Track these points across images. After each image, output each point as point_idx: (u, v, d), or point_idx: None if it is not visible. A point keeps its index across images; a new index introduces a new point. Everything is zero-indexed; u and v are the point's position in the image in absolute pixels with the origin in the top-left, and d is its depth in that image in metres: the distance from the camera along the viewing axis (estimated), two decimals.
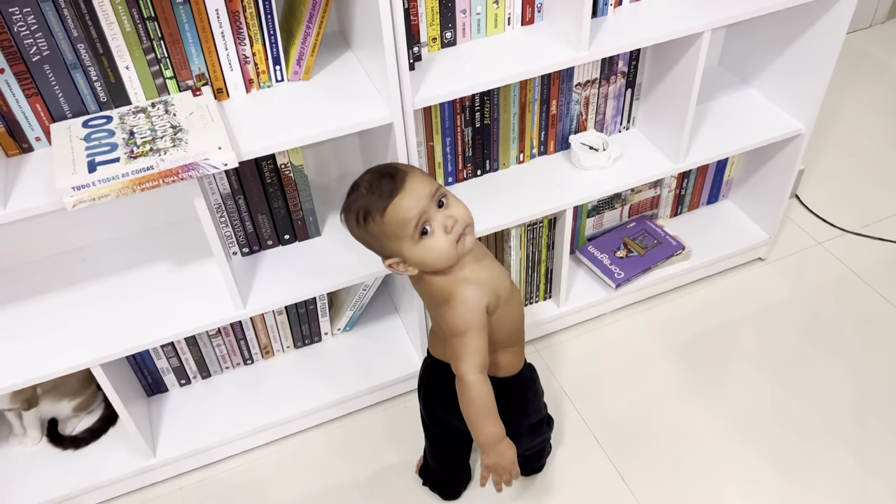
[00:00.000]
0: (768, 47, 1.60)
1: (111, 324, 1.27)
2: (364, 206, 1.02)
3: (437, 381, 1.23)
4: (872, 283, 1.79)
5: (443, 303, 1.07)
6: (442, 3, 1.24)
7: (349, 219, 1.06)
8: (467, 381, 1.05)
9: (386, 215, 1.01)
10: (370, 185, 1.02)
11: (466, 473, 1.42)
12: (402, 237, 1.02)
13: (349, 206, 1.05)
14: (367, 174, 1.05)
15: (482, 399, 1.06)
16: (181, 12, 1.08)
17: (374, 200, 1.01)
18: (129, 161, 1.03)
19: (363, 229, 1.04)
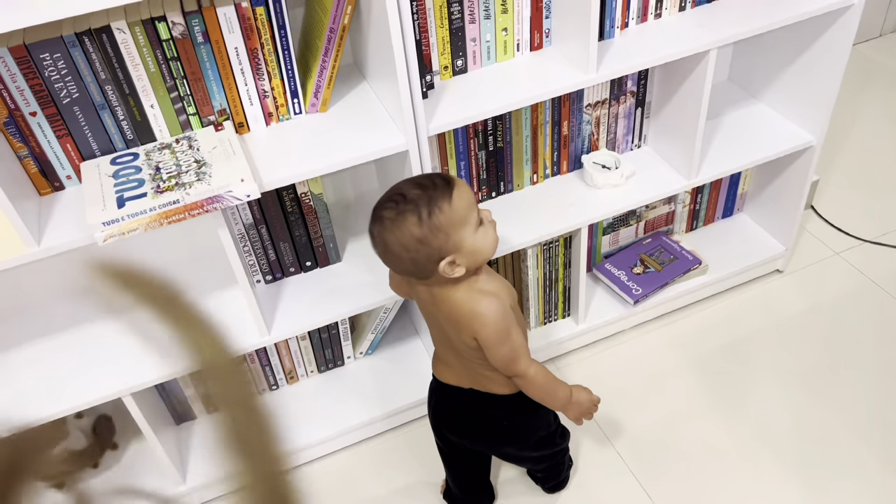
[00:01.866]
0: (776, 62, 1.62)
1: (140, 354, 1.30)
2: (428, 199, 1.02)
3: (443, 404, 1.27)
4: (892, 292, 1.78)
5: (470, 321, 1.08)
6: (452, 33, 1.28)
7: (406, 223, 1.02)
8: (529, 376, 1.13)
9: (453, 201, 1.03)
10: (421, 186, 1.04)
11: (488, 492, 1.44)
12: (467, 223, 1.04)
13: (403, 211, 1.02)
14: (403, 185, 1.05)
15: (544, 380, 1.15)
16: (202, 51, 1.13)
17: (436, 192, 1.03)
18: (156, 196, 1.07)
19: (427, 225, 1.02)
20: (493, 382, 1.18)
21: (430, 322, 1.19)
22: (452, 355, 1.19)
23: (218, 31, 1.12)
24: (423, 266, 1.05)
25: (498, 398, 1.19)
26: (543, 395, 1.17)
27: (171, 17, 1.08)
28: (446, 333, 1.15)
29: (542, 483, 1.46)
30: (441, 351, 1.22)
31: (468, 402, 1.22)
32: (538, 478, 1.46)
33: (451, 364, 1.20)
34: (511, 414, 1.22)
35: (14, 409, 1.23)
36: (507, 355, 1.10)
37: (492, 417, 1.23)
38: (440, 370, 1.24)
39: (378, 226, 1.05)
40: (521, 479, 1.49)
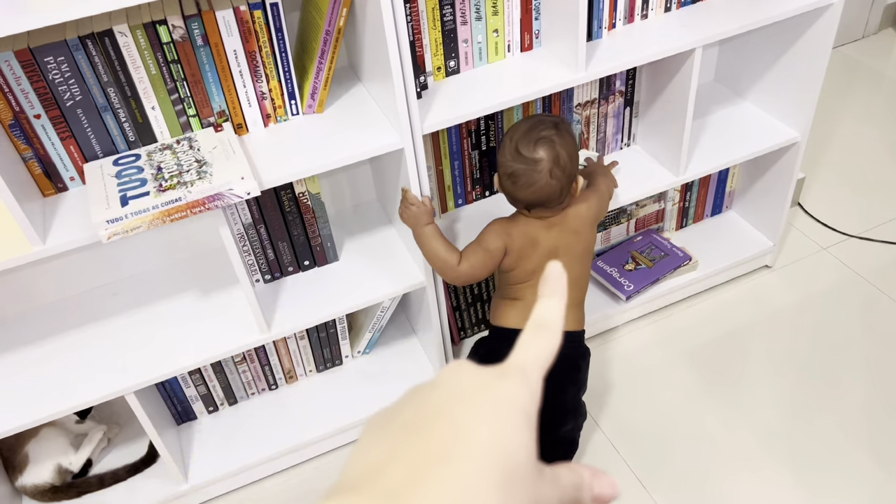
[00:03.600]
0: (760, 61, 1.67)
1: (143, 353, 1.33)
2: (564, 120, 1.23)
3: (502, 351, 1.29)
4: (879, 286, 1.82)
5: (592, 203, 1.32)
6: (445, 34, 1.32)
7: (566, 135, 1.20)
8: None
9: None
10: (553, 118, 1.24)
11: None
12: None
13: (560, 129, 1.20)
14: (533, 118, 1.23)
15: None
16: (202, 54, 1.16)
17: (563, 118, 1.27)
18: (158, 194, 1.10)
19: (575, 139, 1.22)
20: (569, 317, 1.31)
21: (527, 261, 1.27)
22: (574, 289, 1.31)
23: (217, 35, 1.15)
24: (571, 181, 1.23)
25: (574, 334, 1.33)
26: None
27: (171, 21, 1.11)
28: (576, 251, 1.29)
29: None
30: (524, 291, 1.30)
31: (574, 344, 1.34)
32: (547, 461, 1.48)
33: (531, 305, 1.25)
34: (582, 351, 1.37)
35: (17, 408, 1.25)
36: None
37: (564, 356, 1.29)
38: (511, 317, 1.32)
39: (548, 143, 1.18)
40: None
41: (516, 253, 1.26)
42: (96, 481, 1.48)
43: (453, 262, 1.28)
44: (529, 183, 1.18)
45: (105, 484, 1.48)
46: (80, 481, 1.48)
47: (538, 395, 0.30)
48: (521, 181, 1.19)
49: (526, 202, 1.22)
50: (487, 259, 1.27)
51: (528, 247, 1.26)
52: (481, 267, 1.28)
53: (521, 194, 1.20)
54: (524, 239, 1.26)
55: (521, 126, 1.20)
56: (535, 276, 1.28)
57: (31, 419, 1.24)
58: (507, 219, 1.28)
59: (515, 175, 1.18)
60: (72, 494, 1.46)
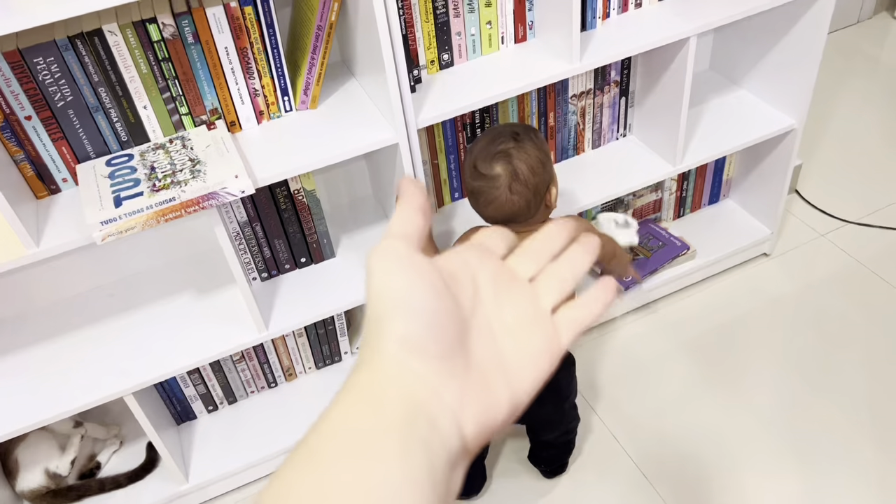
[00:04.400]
0: (755, 48, 1.66)
1: (141, 354, 1.32)
2: (532, 130, 1.17)
3: None
4: (878, 271, 1.82)
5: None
6: (438, 27, 1.31)
7: (527, 146, 1.13)
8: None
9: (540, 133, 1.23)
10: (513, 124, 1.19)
11: (482, 475, 1.47)
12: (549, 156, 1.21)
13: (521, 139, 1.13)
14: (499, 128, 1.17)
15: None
16: (193, 52, 1.15)
17: (529, 127, 1.18)
18: (152, 194, 1.09)
19: (541, 149, 1.15)
20: None
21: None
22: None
23: (208, 32, 1.14)
24: (538, 196, 1.14)
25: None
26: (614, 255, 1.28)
27: (161, 19, 1.10)
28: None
29: (544, 465, 1.48)
30: None
31: None
32: (543, 460, 1.48)
33: None
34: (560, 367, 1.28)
35: (16, 412, 1.25)
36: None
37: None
38: None
39: (504, 157, 1.12)
40: (520, 465, 1.51)
41: None
42: (97, 485, 1.47)
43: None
44: (490, 200, 1.13)
45: (105, 489, 1.48)
46: (80, 484, 1.47)
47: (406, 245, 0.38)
48: (481, 199, 1.14)
49: (492, 219, 1.16)
50: None
51: None
52: None
53: (484, 212, 1.15)
54: None
55: (481, 140, 1.16)
56: None
57: (30, 423, 1.23)
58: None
59: (475, 193, 1.14)
60: (71, 497, 1.45)
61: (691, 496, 1.43)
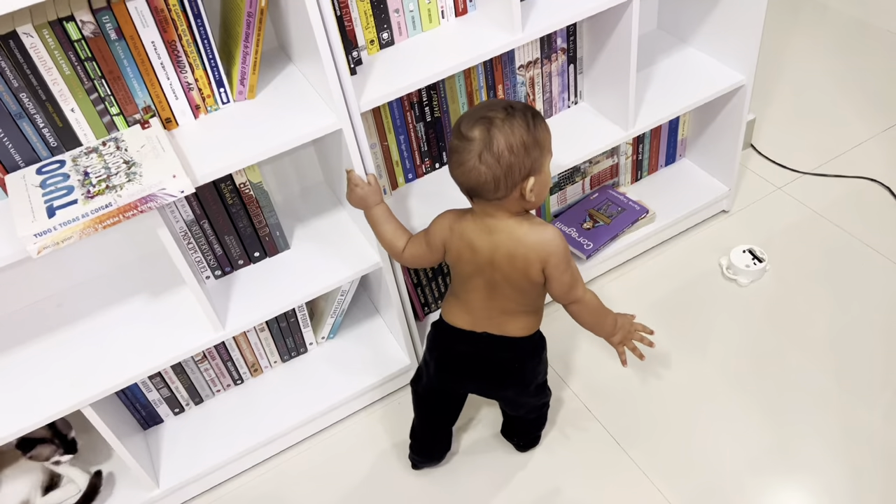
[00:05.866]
0: (701, 4, 1.64)
1: (95, 363, 1.29)
2: (533, 113, 1.09)
3: (453, 349, 1.27)
4: (835, 220, 1.83)
5: (539, 250, 1.13)
6: (374, 5, 1.27)
7: (517, 124, 1.06)
8: (586, 300, 1.20)
9: (547, 125, 1.11)
10: (520, 102, 1.11)
11: (448, 441, 1.47)
12: (549, 151, 1.12)
13: (514, 115, 1.07)
14: (502, 100, 1.11)
15: (598, 304, 1.22)
16: (118, 49, 1.10)
17: (535, 111, 1.10)
18: (86, 201, 1.05)
19: (532, 134, 1.07)
20: (512, 323, 1.22)
21: (467, 265, 1.18)
22: (482, 297, 1.20)
23: (131, 26, 1.09)
24: (511, 178, 1.07)
25: (511, 341, 1.23)
26: (596, 320, 1.23)
27: (79, 16, 1.05)
28: (493, 271, 1.16)
29: (517, 439, 1.49)
30: (469, 294, 1.21)
31: (480, 347, 1.24)
32: (515, 433, 1.48)
33: (473, 307, 1.21)
34: (522, 356, 1.26)
35: None
36: (569, 281, 1.16)
37: (503, 359, 1.26)
38: (454, 315, 1.25)
39: (485, 124, 1.06)
40: (494, 440, 1.51)
41: (454, 254, 1.19)
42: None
43: (399, 246, 1.25)
44: (459, 162, 1.08)
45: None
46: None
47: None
48: (453, 158, 1.11)
49: (458, 183, 1.13)
50: (428, 252, 1.23)
51: (465, 250, 1.17)
52: (422, 257, 1.25)
53: (453, 173, 1.12)
54: (461, 241, 1.17)
55: (480, 103, 1.12)
56: (470, 282, 1.19)
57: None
58: (457, 213, 1.19)
59: (450, 150, 1.11)
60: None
61: (663, 458, 1.44)
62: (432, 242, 1.21)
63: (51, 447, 1.36)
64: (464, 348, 1.25)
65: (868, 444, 1.41)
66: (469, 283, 1.20)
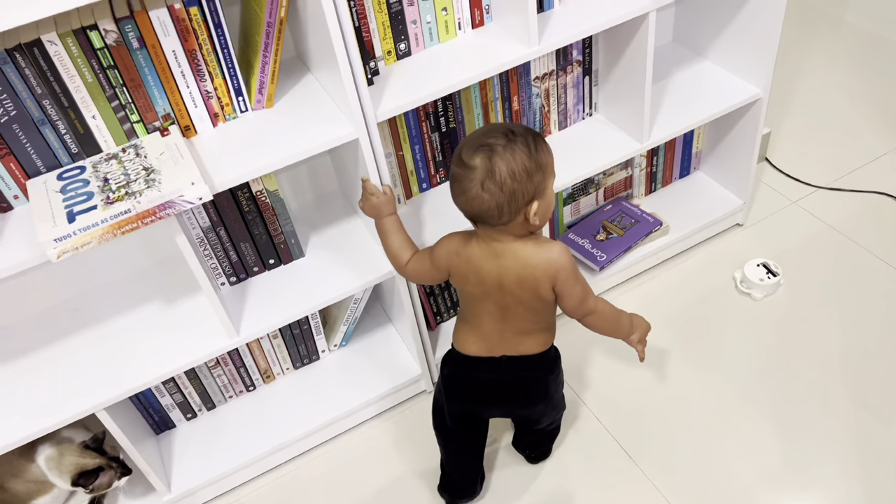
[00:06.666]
0: (717, 18, 1.64)
1: (110, 368, 1.30)
2: (534, 136, 1.07)
3: (474, 379, 1.26)
4: (849, 235, 1.82)
5: (547, 268, 1.11)
6: (392, 17, 1.28)
7: (518, 150, 1.04)
8: (599, 309, 1.20)
9: (548, 146, 1.09)
10: (521, 126, 1.09)
11: (482, 472, 1.44)
12: (552, 172, 1.10)
13: (514, 140, 1.05)
14: (501, 125, 1.09)
15: (612, 311, 1.22)
16: (139, 57, 1.11)
17: (537, 134, 1.09)
18: (106, 207, 1.06)
19: (534, 158, 1.06)
20: (528, 342, 1.21)
21: (475, 289, 1.17)
22: (494, 321, 1.19)
23: (153, 35, 1.10)
24: (514, 204, 1.06)
25: (531, 359, 1.23)
26: (612, 326, 1.23)
27: (102, 25, 1.06)
28: (503, 295, 1.15)
29: (529, 451, 1.48)
30: (481, 319, 1.20)
31: (503, 370, 1.23)
32: (527, 446, 1.47)
33: (487, 332, 1.20)
34: (544, 372, 1.27)
35: None
36: (580, 294, 1.15)
37: (527, 379, 1.25)
38: (468, 343, 1.23)
39: (486, 152, 1.04)
40: (505, 452, 1.51)
41: (460, 277, 1.17)
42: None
43: (402, 260, 1.25)
44: (462, 190, 1.07)
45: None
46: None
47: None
48: (455, 187, 1.08)
49: (463, 211, 1.11)
50: (432, 271, 1.22)
51: (472, 274, 1.15)
52: (426, 275, 1.24)
53: (456, 201, 1.10)
54: (468, 266, 1.15)
55: (479, 130, 1.10)
56: (479, 305, 1.18)
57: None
58: (463, 237, 1.17)
59: (453, 179, 1.08)
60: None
61: (674, 471, 1.44)
62: (437, 263, 1.20)
63: (110, 473, 1.38)
64: (486, 376, 1.24)
65: (882, 459, 1.40)
66: (479, 307, 1.19)
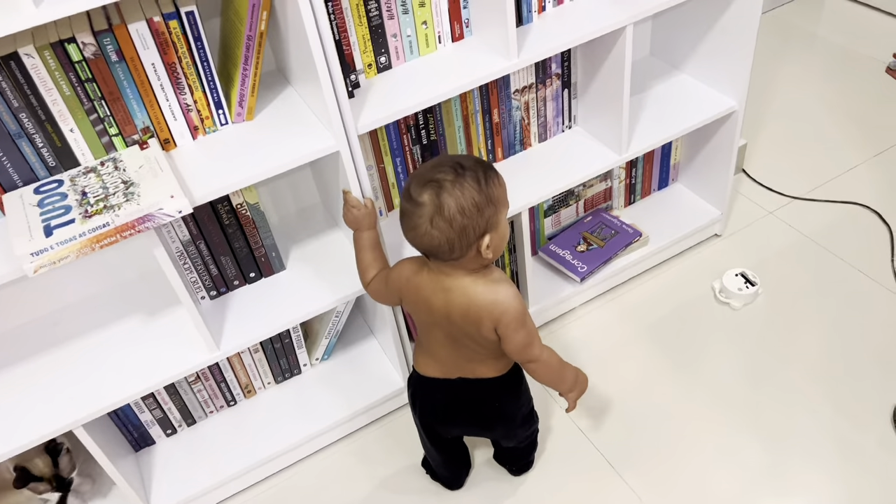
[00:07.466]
0: (693, 32, 1.67)
1: (89, 383, 1.28)
2: (484, 169, 1.06)
3: (431, 400, 1.28)
4: (825, 245, 1.85)
5: (491, 310, 1.10)
6: (372, 30, 1.28)
7: (467, 185, 1.03)
8: (543, 359, 1.16)
9: (500, 178, 1.08)
10: (471, 159, 1.07)
11: (467, 463, 1.46)
12: (505, 204, 1.09)
13: (463, 175, 1.03)
14: (451, 157, 1.07)
15: (557, 362, 1.19)
16: (118, 70, 1.11)
17: (488, 166, 1.07)
18: (84, 221, 1.05)
19: (484, 193, 1.04)
20: (482, 367, 1.20)
21: (425, 317, 1.17)
22: (446, 348, 1.19)
23: (132, 48, 1.10)
24: (465, 239, 1.05)
25: (487, 382, 1.22)
26: (555, 378, 1.20)
27: (80, 38, 1.06)
28: (451, 326, 1.14)
29: (510, 465, 1.48)
30: (433, 345, 1.21)
31: (458, 392, 1.23)
32: (507, 460, 1.48)
33: (441, 357, 1.21)
34: (501, 395, 1.25)
35: None
36: (522, 341, 1.13)
37: (483, 402, 1.25)
38: (426, 366, 1.24)
39: (434, 188, 1.03)
40: (487, 466, 1.50)
41: (410, 304, 1.18)
42: None
43: (367, 278, 1.25)
44: (412, 226, 1.06)
45: None
46: None
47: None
48: (405, 222, 1.07)
49: (413, 246, 1.09)
50: (388, 294, 1.22)
51: (422, 304, 1.15)
52: (382, 296, 1.25)
53: (407, 236, 1.08)
54: (417, 295, 1.15)
55: (428, 162, 1.08)
56: (431, 333, 1.18)
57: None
58: (415, 266, 1.16)
59: (402, 214, 1.07)
60: None
61: (657, 481, 1.44)
62: (390, 287, 1.21)
63: (45, 485, 1.36)
64: (442, 397, 1.25)
65: (864, 467, 1.41)
66: (431, 335, 1.19)
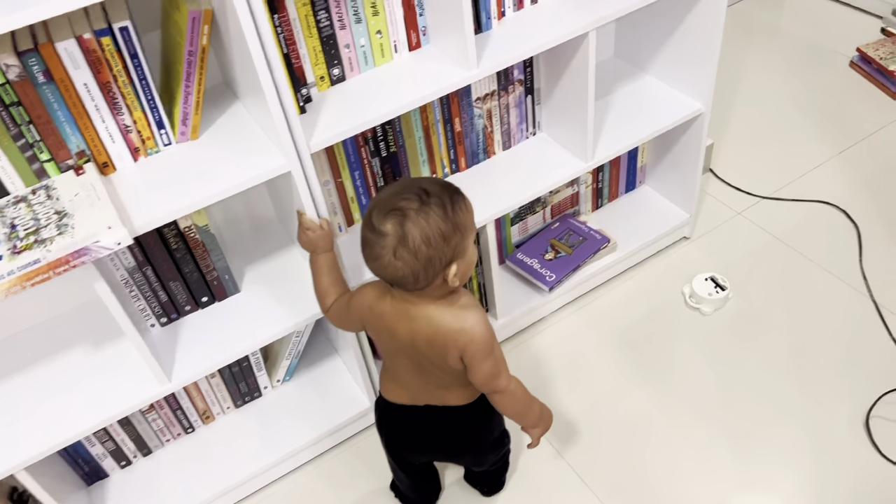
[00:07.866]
0: (657, 33, 1.63)
1: (31, 422, 1.20)
2: (450, 195, 1.00)
3: (398, 426, 1.23)
4: (794, 245, 1.84)
5: (456, 338, 1.04)
6: (323, 41, 1.22)
7: (432, 214, 0.97)
8: (510, 390, 1.11)
9: (467, 203, 1.03)
10: (437, 183, 1.02)
11: (437, 487, 1.42)
12: (472, 230, 1.04)
13: (428, 203, 0.97)
14: (417, 181, 1.01)
15: (523, 394, 1.14)
16: (46, 92, 1.03)
17: (455, 191, 1.02)
18: (13, 257, 0.97)
19: (450, 221, 0.98)
20: (450, 395, 1.16)
21: (389, 345, 1.12)
22: (413, 375, 1.14)
23: (61, 69, 1.02)
24: (432, 269, 0.99)
25: (455, 410, 1.17)
26: (520, 411, 1.15)
27: (3, 59, 0.98)
28: (417, 354, 1.09)
29: (481, 486, 1.44)
30: (399, 371, 1.16)
31: (425, 420, 1.19)
32: (478, 481, 1.44)
33: (408, 384, 1.16)
34: (469, 423, 1.20)
35: None
36: (489, 371, 1.07)
37: (450, 429, 1.20)
38: (392, 391, 1.19)
39: (397, 217, 0.96)
40: (458, 486, 1.46)
41: (373, 332, 1.13)
42: None
43: (326, 303, 1.20)
44: (374, 256, 1.00)
45: None
46: None
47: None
48: (366, 252, 1.01)
49: (376, 276, 1.04)
50: (350, 321, 1.17)
51: (385, 332, 1.10)
52: (345, 323, 1.20)
53: (369, 266, 1.02)
54: (380, 323, 1.09)
55: (391, 187, 1.02)
56: (397, 359, 1.13)
57: None
58: (378, 292, 1.10)
59: (364, 243, 1.01)
60: None
61: (630, 494, 1.41)
62: (352, 314, 1.15)
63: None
64: (409, 424, 1.20)
65: (836, 465, 1.39)
66: (396, 361, 1.14)
